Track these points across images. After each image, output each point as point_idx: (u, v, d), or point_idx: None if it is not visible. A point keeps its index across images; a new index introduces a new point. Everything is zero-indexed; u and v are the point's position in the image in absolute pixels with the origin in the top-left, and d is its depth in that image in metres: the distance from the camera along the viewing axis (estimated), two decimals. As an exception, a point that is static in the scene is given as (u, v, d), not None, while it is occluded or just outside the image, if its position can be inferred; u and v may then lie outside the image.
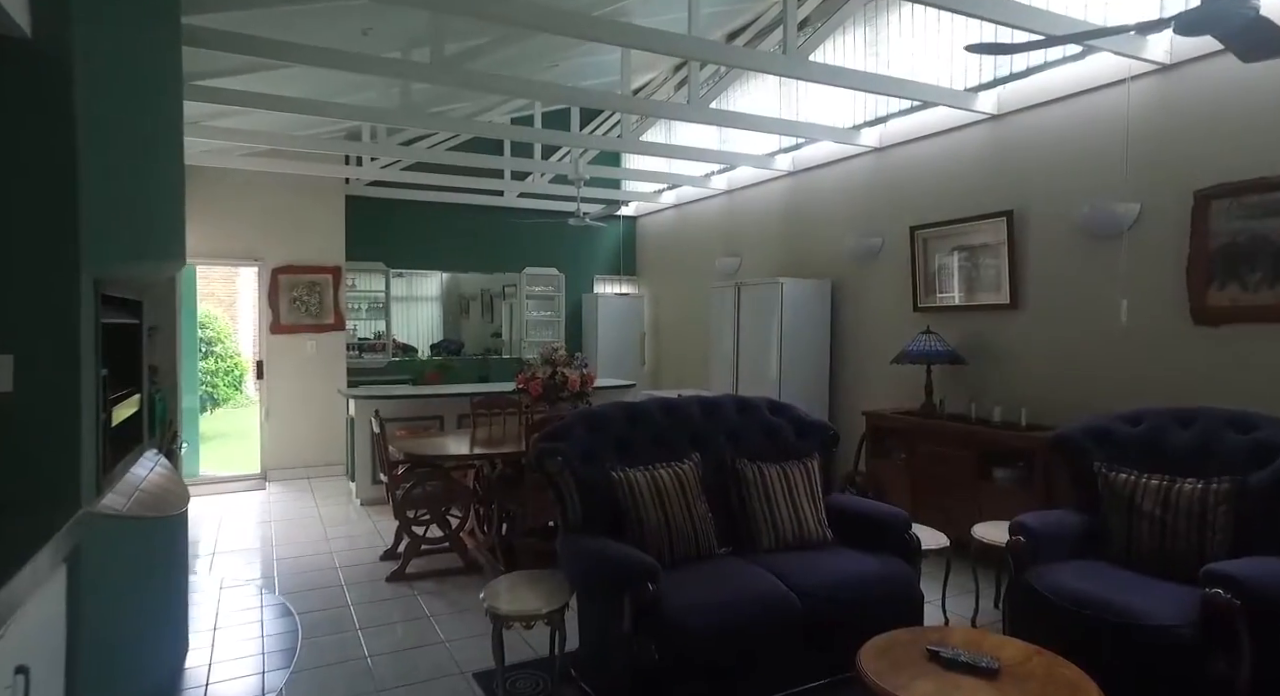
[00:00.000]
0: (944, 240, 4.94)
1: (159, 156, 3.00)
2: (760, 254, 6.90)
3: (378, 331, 8.11)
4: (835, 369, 5.96)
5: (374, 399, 5.77)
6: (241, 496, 6.21)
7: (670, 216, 8.46)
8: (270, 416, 6.77)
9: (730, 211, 7.35)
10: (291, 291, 6.83)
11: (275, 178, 6.65)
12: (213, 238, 6.51)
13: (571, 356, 4.77)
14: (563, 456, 3.03)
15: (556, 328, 8.80)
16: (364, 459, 5.80)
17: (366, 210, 7.63)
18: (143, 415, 3.40)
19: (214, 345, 11.03)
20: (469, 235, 8.27)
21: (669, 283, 8.53)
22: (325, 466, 6.92)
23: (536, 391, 4.57)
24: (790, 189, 6.47)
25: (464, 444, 4.55)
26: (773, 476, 3.29)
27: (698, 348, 7.82)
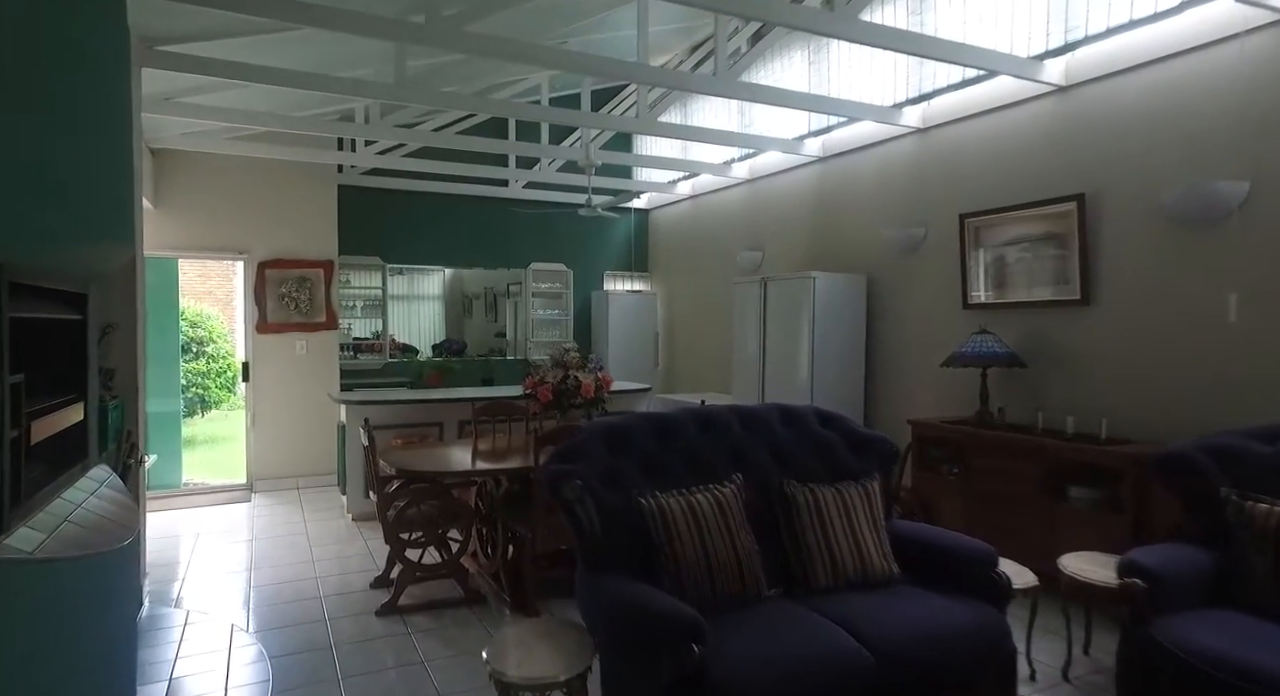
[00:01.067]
0: (1000, 229, 4.43)
1: (93, 123, 2.51)
2: (786, 247, 6.39)
3: (375, 331, 7.64)
4: (870, 372, 5.45)
5: (364, 405, 5.27)
6: (224, 510, 5.72)
7: (685, 208, 7.95)
8: (257, 423, 6.28)
9: (752, 202, 6.84)
10: (280, 287, 6.34)
11: (262, 164, 6.16)
12: (193, 229, 6.02)
13: (585, 358, 4.27)
14: (581, 479, 2.53)
15: (564, 327, 8.30)
16: (356, 470, 5.31)
17: (361, 201, 7.14)
18: (88, 426, 2.92)
19: (206, 345, 10.55)
20: (471, 229, 7.78)
21: (684, 279, 8.03)
22: (316, 476, 6.43)
23: (546, 397, 4.07)
24: (820, 176, 5.96)
25: (465, 456, 4.05)
26: (827, 501, 2.78)
27: (716, 348, 7.32)
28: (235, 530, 5.14)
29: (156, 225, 5.86)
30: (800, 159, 6.06)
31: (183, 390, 10.17)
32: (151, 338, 6.66)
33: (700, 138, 5.83)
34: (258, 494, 6.17)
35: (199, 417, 10.54)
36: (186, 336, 10.33)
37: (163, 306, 6.54)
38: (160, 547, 4.68)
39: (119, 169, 2.88)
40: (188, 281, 15.28)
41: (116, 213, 2.80)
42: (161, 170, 5.87)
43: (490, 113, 4.99)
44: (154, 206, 5.83)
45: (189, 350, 10.30)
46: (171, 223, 5.94)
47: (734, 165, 6.84)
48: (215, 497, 6.04)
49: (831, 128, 5.75)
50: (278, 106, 5.35)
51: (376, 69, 5.00)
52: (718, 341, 7.25)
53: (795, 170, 6.21)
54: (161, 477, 6.38)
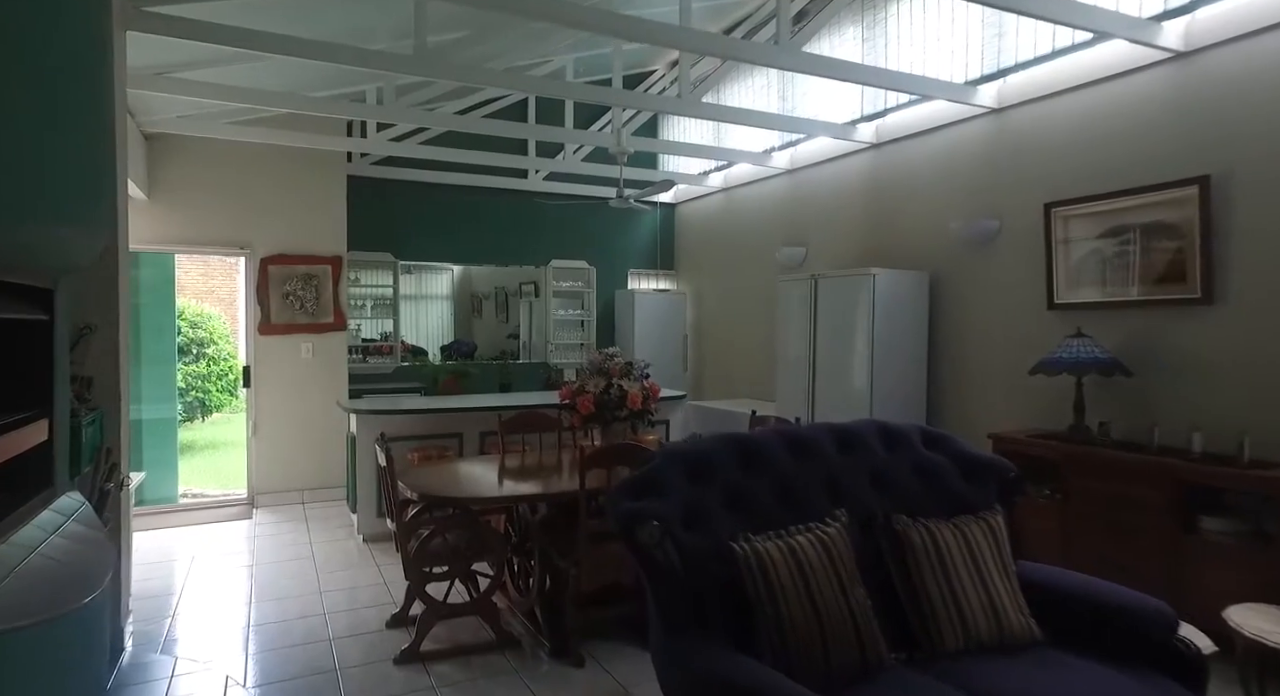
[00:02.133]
0: (1095, 219, 3.93)
1: (56, 79, 2.03)
2: (832, 243, 5.89)
3: (384, 332, 7.15)
4: (933, 379, 4.95)
5: (378, 414, 4.78)
6: (223, 528, 5.24)
7: (717, 202, 7.45)
8: (259, 431, 5.80)
9: (794, 193, 6.34)
10: (284, 285, 5.85)
11: (265, 151, 5.67)
12: (191, 221, 5.54)
13: (629, 365, 3.77)
14: (659, 520, 2.03)
15: (587, 327, 7.81)
16: (368, 486, 4.81)
17: (371, 193, 6.66)
18: (54, 448, 2.43)
19: (206, 346, 10.08)
20: (488, 223, 7.29)
21: (715, 277, 7.52)
22: (323, 489, 5.94)
23: (587, 409, 3.58)
24: (873, 164, 5.46)
25: (492, 474, 3.56)
26: (947, 541, 2.29)
27: (752, 351, 6.82)
28: (235, 552, 4.65)
29: (151, 217, 5.38)
30: (850, 146, 5.55)
31: (181, 394, 9.72)
32: (146, 339, 6.20)
33: (748, 121, 5.31)
34: (260, 510, 5.68)
35: (199, 422, 10.07)
36: (186, 337, 9.86)
37: (158, 305, 6.06)
38: (150, 575, 4.20)
39: (92, 142, 2.39)
40: (189, 280, 14.83)
41: (88, 194, 2.31)
42: (156, 157, 5.39)
43: (515, 89, 4.49)
44: (148, 196, 5.35)
45: (188, 352, 9.83)
46: (167, 214, 5.46)
47: (774, 154, 6.34)
48: (214, 514, 5.55)
49: (888, 110, 5.24)
50: (283, 84, 4.87)
51: (391, 45, 4.52)
52: (753, 344, 6.75)
53: (844, 159, 5.70)
54: (155, 491, 5.90)
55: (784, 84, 6.14)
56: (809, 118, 5.47)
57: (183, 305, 10.31)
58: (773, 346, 6.24)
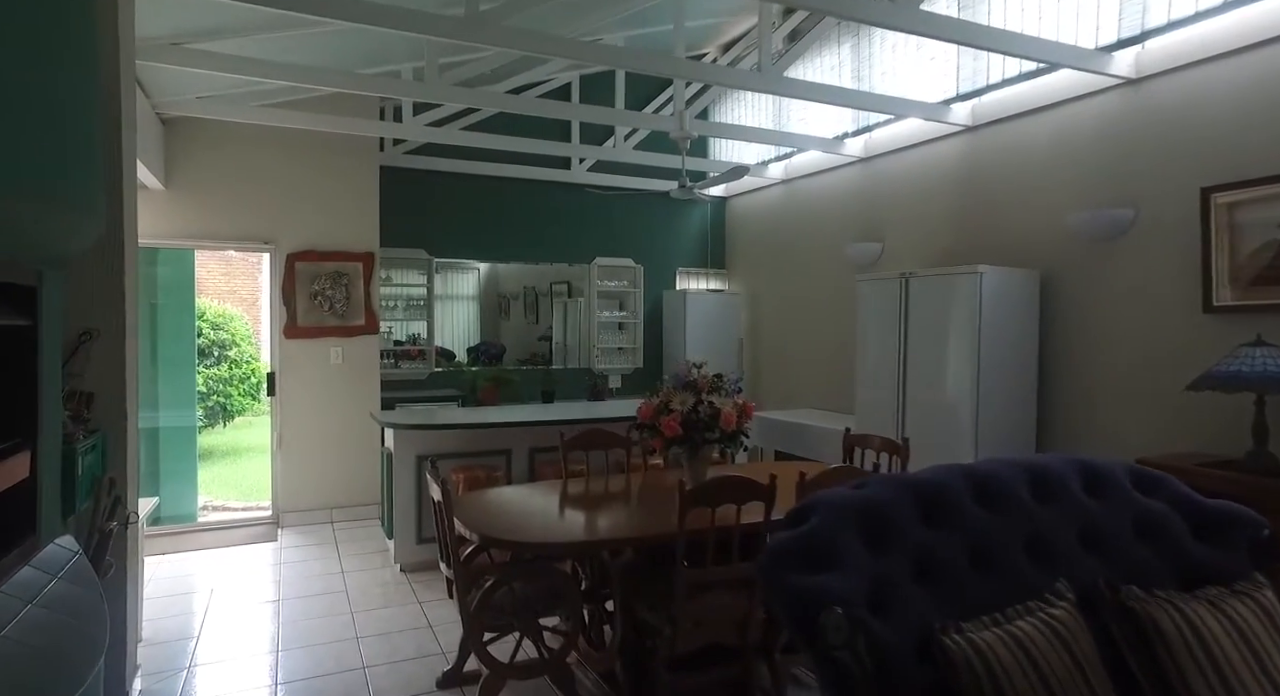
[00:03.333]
0: (1270, 205, 3.31)
1: (33, 42, 1.51)
2: (915, 238, 5.29)
3: (412, 334, 6.61)
4: (1044, 392, 4.34)
5: (419, 430, 4.26)
6: (246, 552, 4.74)
7: (776, 195, 6.86)
8: (284, 444, 5.30)
9: (868, 184, 5.74)
10: (312, 284, 5.35)
11: (292, 137, 5.18)
12: (212, 214, 5.06)
13: (718, 377, 3.21)
14: (845, 606, 1.47)
15: (632, 331, 7.25)
16: (406, 510, 4.30)
17: (404, 185, 6.16)
18: (38, 485, 1.92)
19: (229, 348, 9.66)
20: (528, 218, 6.77)
21: (772, 276, 6.94)
22: (354, 507, 5.44)
23: (674, 431, 3.02)
24: (967, 149, 4.85)
25: (551, 503, 3.02)
26: (1210, 627, 1.69)
27: (816, 358, 6.23)
28: (258, 584, 4.15)
29: (168, 209, 4.91)
30: (939, 129, 4.95)
31: (202, 398, 9.31)
32: (163, 342, 5.73)
33: (835, 99, 4.71)
34: (286, 530, 5.18)
35: (220, 428, 9.65)
36: (207, 339, 9.45)
37: (177, 305, 5.60)
38: (164, 613, 3.70)
39: (76, 101, 1.86)
40: (210, 279, 14.48)
41: (71, 165, 1.78)
42: (175, 143, 4.91)
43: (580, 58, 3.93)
44: (165, 186, 4.87)
45: (209, 354, 9.42)
46: (186, 206, 4.98)
47: (846, 141, 5.75)
48: (236, 535, 5.06)
49: (988, 88, 4.63)
50: (313, 58, 4.36)
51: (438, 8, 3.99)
52: (820, 349, 6.16)
53: (931, 144, 5.10)
54: (172, 508, 5.43)
55: (859, 62, 5.55)
56: (900, 97, 4.85)
57: (203, 305, 9.91)
58: (847, 353, 5.66)
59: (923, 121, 4.99)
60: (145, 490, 5.52)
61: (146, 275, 5.40)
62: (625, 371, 7.17)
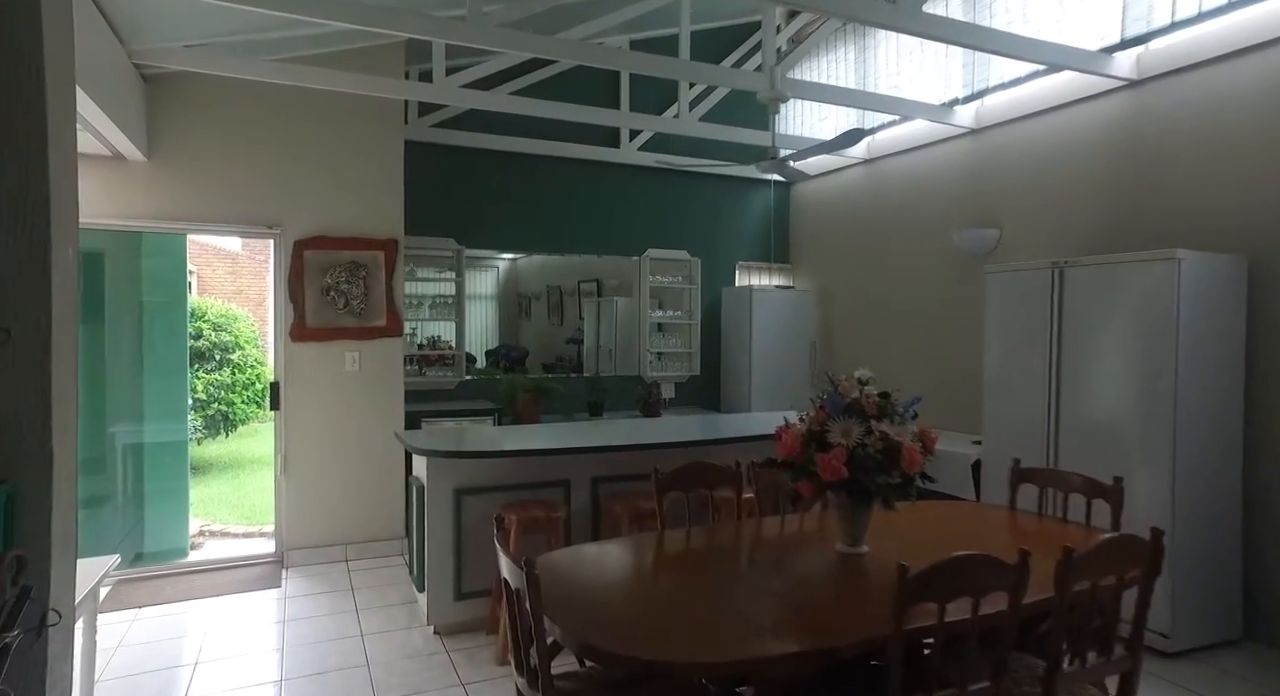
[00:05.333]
0: None
1: None
2: (1045, 220, 4.39)
3: (432, 336, 5.71)
4: (1254, 410, 3.43)
5: (453, 458, 3.38)
6: (243, 603, 3.87)
7: (855, 177, 5.97)
8: (290, 468, 4.43)
9: (981, 160, 4.84)
10: (324, 276, 4.49)
11: (302, 98, 4.33)
12: (204, 190, 4.20)
13: (885, 397, 2.31)
14: None
15: (686, 333, 6.36)
16: (442, 557, 3.42)
17: (429, 164, 5.32)
18: None
19: (231, 352, 8.82)
20: (571, 204, 5.91)
21: (850, 270, 6.04)
22: (373, 543, 4.57)
23: (837, 473, 2.12)
24: (1131, 111, 3.94)
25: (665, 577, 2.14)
26: None
27: (911, 364, 5.33)
28: (257, 650, 3.28)
29: (151, 184, 4.06)
30: (1088, 86, 4.05)
31: (202, 406, 8.47)
32: (150, 341, 4.87)
33: (983, 43, 3.76)
34: (292, 572, 4.31)
35: (222, 438, 8.80)
36: (208, 341, 8.62)
37: (165, 300, 4.74)
38: None
39: None
40: (215, 278, 13.69)
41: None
42: (159, 104, 4.06)
43: None
44: (148, 157, 4.03)
45: (210, 358, 8.58)
46: (174, 182, 4.13)
47: (956, 109, 4.85)
48: (231, 579, 4.20)
49: (1158, 32, 3.73)
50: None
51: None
52: (916, 353, 5.26)
53: (1074, 107, 4.20)
54: (159, 542, 4.58)
55: (974, 9, 4.66)
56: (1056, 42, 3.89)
57: (204, 305, 9.09)
58: (958, 357, 4.76)
59: (1067, 78, 4.08)
60: (125, 518, 4.69)
61: (129, 266, 4.55)
62: (680, 379, 6.29)
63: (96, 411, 4.58)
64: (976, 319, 4.74)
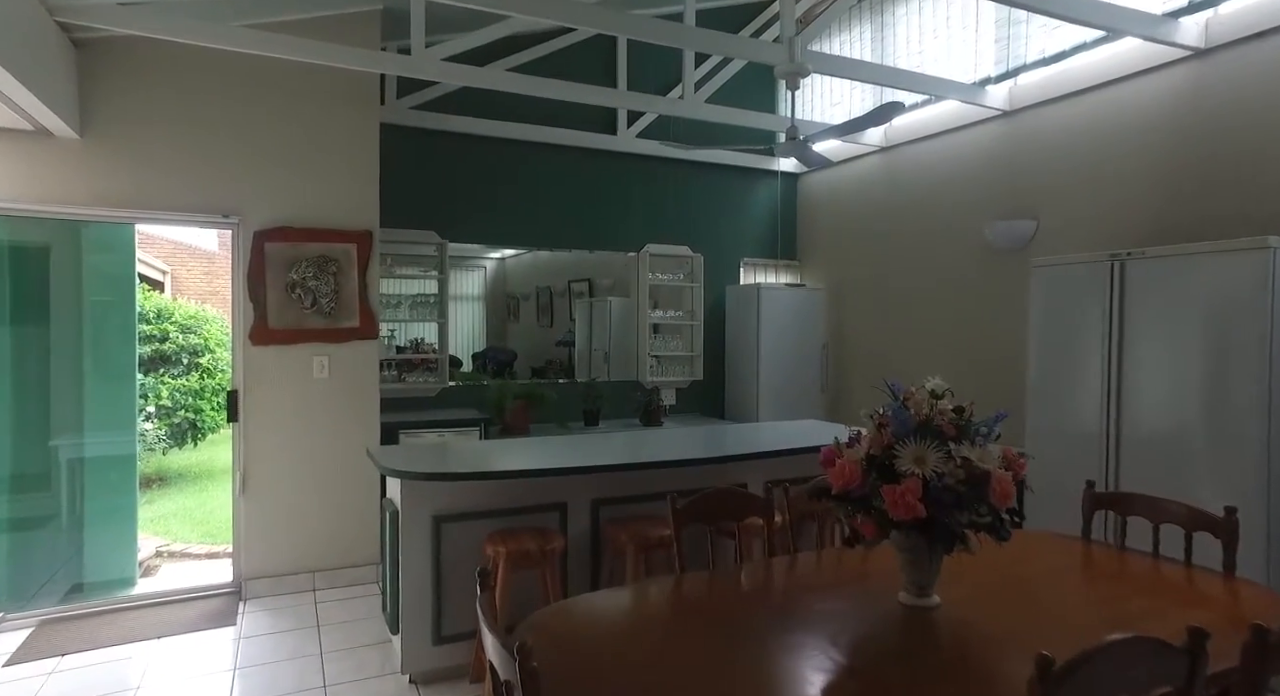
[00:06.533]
0: None
1: None
2: (1092, 210, 3.97)
3: (414, 338, 5.21)
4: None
5: (433, 480, 2.91)
6: (190, 643, 3.38)
7: (870, 166, 5.55)
8: (250, 487, 3.94)
9: (1013, 144, 4.43)
10: (289, 272, 4.01)
11: (263, 70, 3.85)
12: (148, 173, 3.71)
13: (959, 412, 1.87)
14: None
15: (688, 334, 5.91)
16: (419, 595, 2.95)
17: (409, 150, 4.85)
18: None
19: (200, 356, 8.28)
20: (564, 195, 5.45)
21: (864, 267, 5.61)
22: (344, 571, 4.08)
23: (912, 510, 1.67)
24: (1193, 85, 3.53)
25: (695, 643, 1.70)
26: None
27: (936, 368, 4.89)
28: (200, 707, 2.80)
29: (85, 164, 3.57)
30: (1146, 58, 3.64)
31: (167, 414, 7.93)
32: (97, 344, 4.38)
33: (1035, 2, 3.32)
34: (251, 603, 3.82)
35: (189, 447, 8.24)
36: (175, 344, 8.08)
37: (112, 300, 4.24)
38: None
39: None
40: (190, 279, 13.07)
41: None
42: (93, 74, 3.57)
43: None
44: (80, 134, 3.53)
45: (177, 362, 8.04)
46: (111, 163, 3.63)
47: (988, 89, 4.43)
48: (181, 615, 3.69)
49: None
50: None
51: None
52: (941, 357, 4.84)
53: (1127, 82, 3.79)
54: (102, 571, 4.08)
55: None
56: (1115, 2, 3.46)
57: (173, 306, 8.55)
58: (991, 361, 4.34)
59: (1118, 51, 3.67)
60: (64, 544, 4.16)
61: (70, 261, 4.05)
62: (681, 385, 5.83)
63: (37, 422, 4.08)
64: (1011, 319, 4.33)
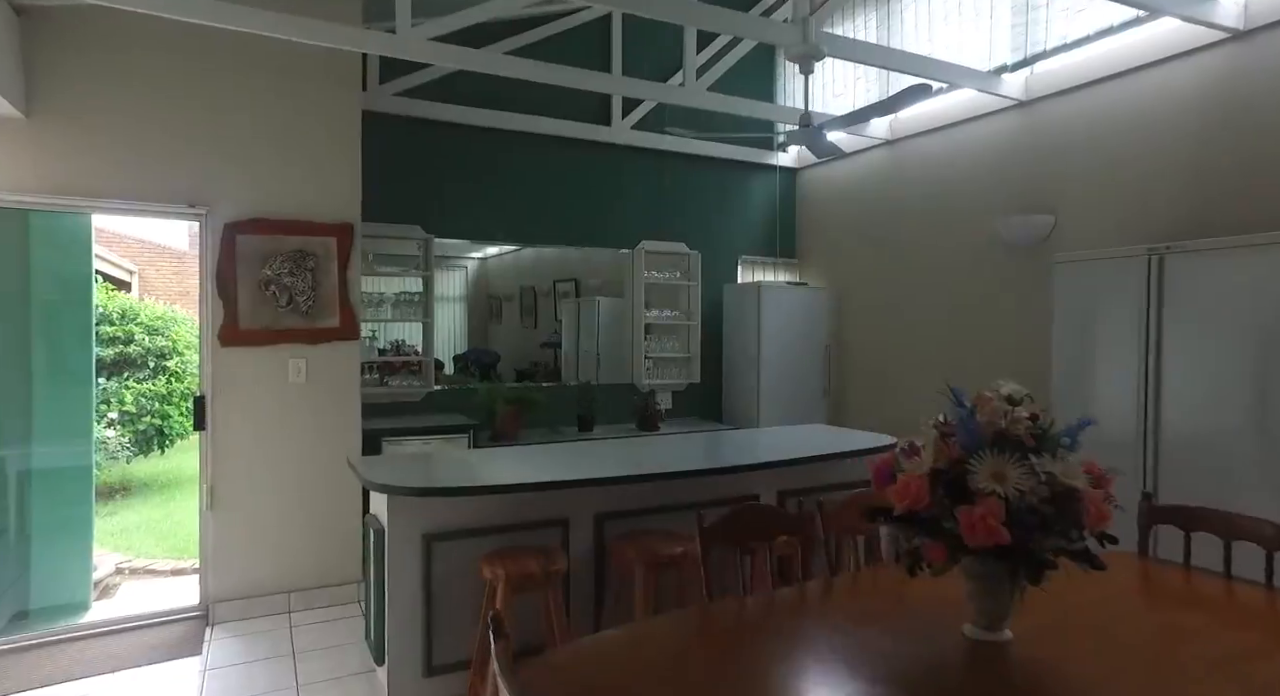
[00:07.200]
0: None
1: None
2: (1117, 203, 3.79)
3: (395, 340, 4.88)
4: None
5: (429, 496, 2.63)
6: (147, 678, 3.06)
7: (875, 160, 5.35)
8: (219, 501, 3.62)
9: (1029, 135, 4.24)
10: (262, 267, 3.70)
11: (234, 47, 3.54)
12: (106, 157, 3.38)
13: (1034, 421, 1.63)
14: None
15: (684, 335, 5.66)
16: (408, 621, 2.67)
17: (392, 139, 4.56)
18: None
19: (168, 358, 7.87)
20: (556, 189, 5.18)
21: (867, 266, 5.41)
22: (326, 589, 3.78)
23: (994, 535, 1.43)
24: (1230, 70, 3.35)
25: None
26: None
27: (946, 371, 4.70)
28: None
29: (33, 147, 3.23)
30: (1177, 42, 3.47)
31: (133, 420, 7.53)
32: (48, 347, 4.04)
33: None
34: (219, 629, 3.50)
35: (156, 455, 7.82)
36: (141, 347, 7.67)
37: (64, 295, 3.90)
38: None
39: None
40: (159, 279, 12.58)
41: None
42: (39, 47, 3.24)
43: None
44: (26, 114, 3.20)
45: (143, 365, 7.63)
46: (63, 146, 3.30)
47: (1004, 77, 4.24)
48: (140, 643, 3.37)
49: (1267, -23, 3.15)
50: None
51: None
52: (953, 359, 4.63)
53: (1154, 68, 3.61)
54: (51, 594, 3.73)
55: (1026, -33, 4.06)
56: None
57: (138, 307, 8.13)
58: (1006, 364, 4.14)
59: (1146, 37, 3.49)
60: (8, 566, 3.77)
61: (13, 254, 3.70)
62: (677, 387, 5.58)
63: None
64: (1026, 318, 4.14)
